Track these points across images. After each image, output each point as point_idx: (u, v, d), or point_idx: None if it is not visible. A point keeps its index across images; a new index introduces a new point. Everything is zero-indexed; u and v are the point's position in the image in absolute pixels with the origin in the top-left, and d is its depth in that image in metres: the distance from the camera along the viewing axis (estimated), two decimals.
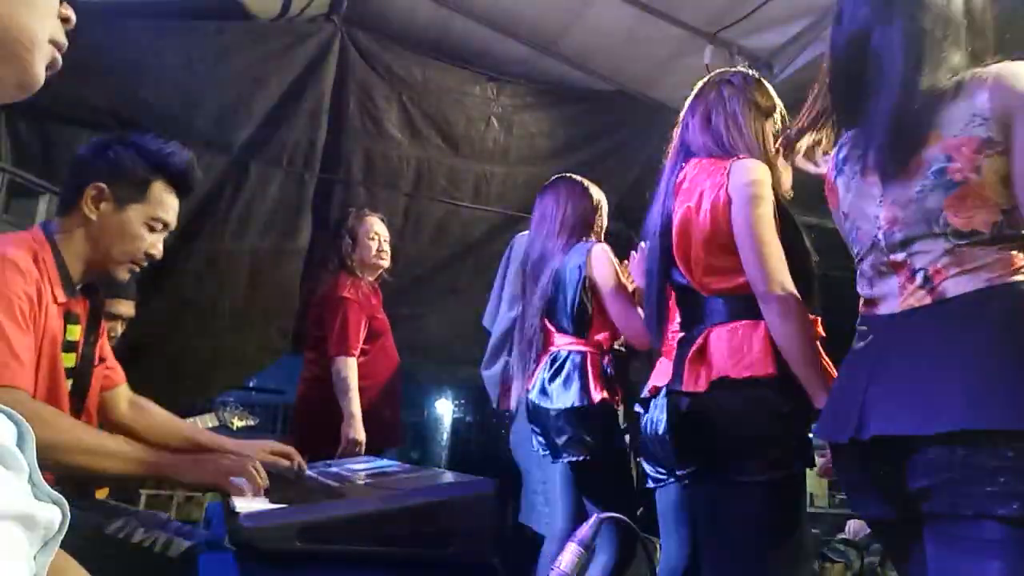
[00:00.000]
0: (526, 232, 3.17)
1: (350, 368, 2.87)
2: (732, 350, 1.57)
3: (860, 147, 1.29)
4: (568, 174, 2.67)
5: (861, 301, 1.33)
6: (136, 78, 3.29)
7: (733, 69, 1.88)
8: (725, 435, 1.54)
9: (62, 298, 1.48)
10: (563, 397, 2.31)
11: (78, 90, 3.10)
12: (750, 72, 1.85)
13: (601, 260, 2.38)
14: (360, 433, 2.82)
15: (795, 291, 1.53)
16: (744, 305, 1.59)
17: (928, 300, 1.17)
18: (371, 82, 3.80)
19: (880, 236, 1.24)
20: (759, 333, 1.55)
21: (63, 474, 1.52)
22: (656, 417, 2.11)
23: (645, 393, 2.21)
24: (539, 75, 4.09)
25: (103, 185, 1.53)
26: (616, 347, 2.49)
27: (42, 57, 0.61)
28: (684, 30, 3.53)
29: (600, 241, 2.52)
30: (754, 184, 1.59)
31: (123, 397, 1.76)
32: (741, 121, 1.74)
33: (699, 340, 1.63)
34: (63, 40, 0.64)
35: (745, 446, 1.52)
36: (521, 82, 4.10)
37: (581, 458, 2.28)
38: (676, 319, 2.18)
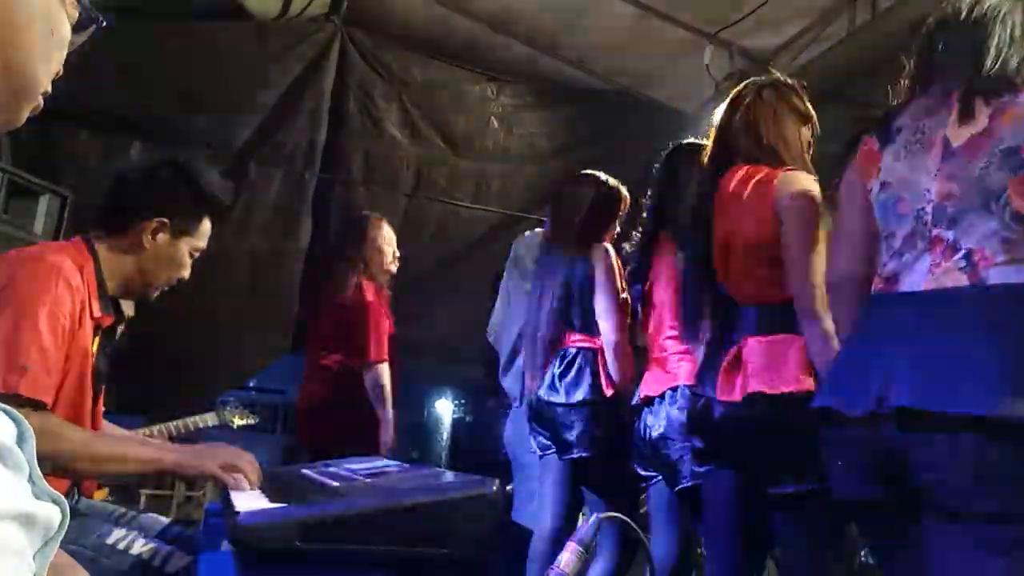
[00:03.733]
0: (528, 233, 3.17)
1: (386, 374, 2.89)
2: (769, 364, 1.56)
3: (925, 116, 1.26)
4: (595, 172, 2.60)
5: (879, 275, 1.29)
6: (136, 78, 3.29)
7: (772, 76, 1.86)
8: (760, 448, 1.54)
9: (97, 313, 1.53)
10: (574, 392, 2.32)
11: (78, 90, 3.09)
12: (789, 79, 1.84)
13: (602, 258, 2.38)
14: (393, 438, 2.86)
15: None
16: (781, 317, 1.58)
17: (965, 281, 1.13)
18: (371, 82, 3.80)
19: (928, 210, 1.21)
20: (796, 347, 1.55)
21: (74, 479, 1.55)
22: (649, 423, 2.13)
23: (636, 401, 2.22)
24: (539, 75, 4.09)
25: (166, 220, 1.61)
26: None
27: (33, 103, 0.64)
28: (684, 30, 3.53)
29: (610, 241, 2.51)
30: (804, 198, 1.58)
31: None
32: (783, 126, 1.72)
33: (734, 349, 1.62)
34: (48, 88, 0.66)
35: (780, 460, 1.53)
36: (521, 82, 4.09)
37: (590, 454, 2.29)
38: (666, 329, 2.19)
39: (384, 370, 2.89)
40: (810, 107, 1.79)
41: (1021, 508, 1.02)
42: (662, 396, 2.11)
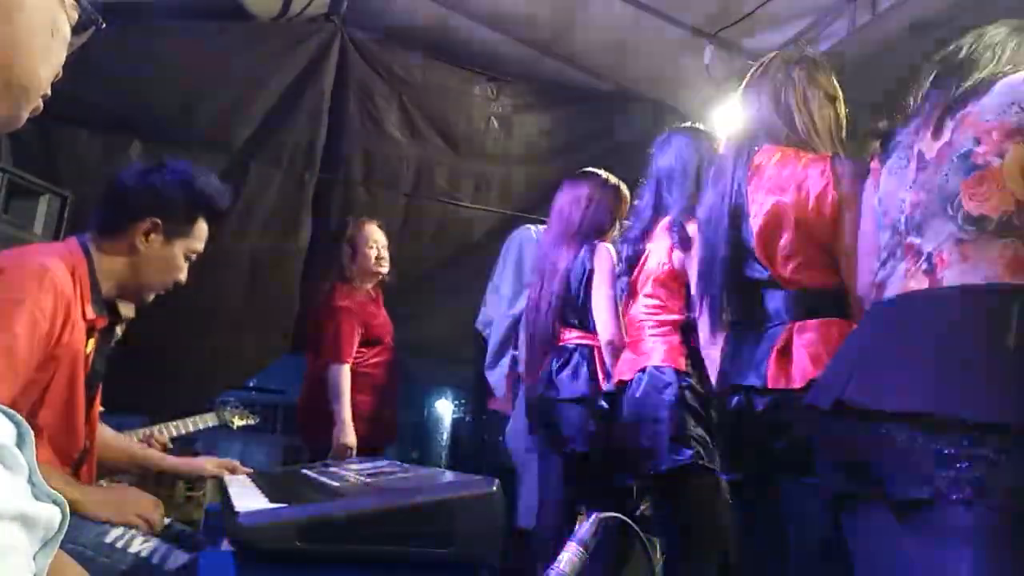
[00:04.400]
0: (525, 227, 3.17)
1: (343, 375, 2.95)
2: (831, 348, 1.51)
3: (914, 134, 1.31)
4: (596, 170, 2.61)
5: (873, 283, 1.35)
6: (136, 78, 3.29)
7: (799, 51, 1.82)
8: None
9: (90, 315, 1.52)
10: (570, 387, 2.32)
11: (78, 90, 3.09)
12: (817, 55, 1.80)
13: (603, 257, 2.39)
14: (351, 438, 2.88)
15: None
16: (833, 301, 1.56)
17: (926, 284, 1.20)
18: (371, 82, 3.79)
19: (902, 220, 1.27)
20: None
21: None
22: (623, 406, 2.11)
23: (610, 387, 2.21)
24: (539, 75, 4.09)
25: (159, 221, 1.60)
26: None
27: (33, 105, 0.63)
28: (684, 30, 3.53)
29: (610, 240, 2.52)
30: (862, 183, 1.53)
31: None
32: (813, 106, 1.69)
33: (783, 334, 1.58)
34: (48, 90, 0.65)
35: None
36: (521, 82, 4.09)
37: (588, 449, 2.29)
38: (642, 312, 2.18)
39: (342, 371, 2.94)
40: (837, 86, 1.75)
41: (954, 494, 1.06)
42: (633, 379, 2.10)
